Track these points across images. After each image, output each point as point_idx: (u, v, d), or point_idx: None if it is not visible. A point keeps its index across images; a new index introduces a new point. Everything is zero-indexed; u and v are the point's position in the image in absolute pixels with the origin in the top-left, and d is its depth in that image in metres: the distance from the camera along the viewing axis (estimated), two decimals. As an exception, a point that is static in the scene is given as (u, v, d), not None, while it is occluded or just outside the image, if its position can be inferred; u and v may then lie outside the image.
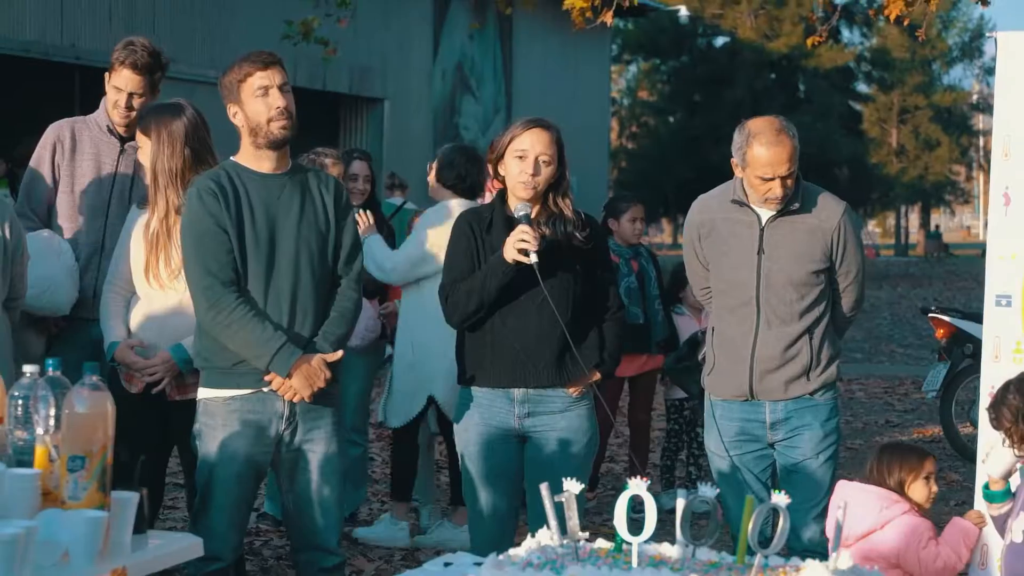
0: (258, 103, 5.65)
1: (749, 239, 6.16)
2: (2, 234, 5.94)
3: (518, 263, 5.74)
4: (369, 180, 9.18)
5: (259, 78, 5.66)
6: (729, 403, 6.29)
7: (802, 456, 6.21)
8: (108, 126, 6.91)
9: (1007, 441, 5.23)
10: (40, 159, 6.91)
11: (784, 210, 6.12)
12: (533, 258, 5.72)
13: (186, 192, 5.98)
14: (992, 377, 5.79)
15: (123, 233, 6.38)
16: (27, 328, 6.60)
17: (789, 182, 6.05)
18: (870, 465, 6.01)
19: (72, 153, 6.91)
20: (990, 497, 5.42)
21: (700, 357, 6.60)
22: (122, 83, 6.84)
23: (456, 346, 6.11)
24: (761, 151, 6.00)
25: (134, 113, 6.86)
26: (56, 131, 6.96)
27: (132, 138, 6.93)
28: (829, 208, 6.19)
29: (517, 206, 5.88)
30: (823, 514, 6.20)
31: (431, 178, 8.68)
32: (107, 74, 6.94)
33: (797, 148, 6.06)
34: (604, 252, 6.25)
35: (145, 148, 6.23)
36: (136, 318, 6.20)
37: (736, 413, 6.27)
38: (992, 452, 5.40)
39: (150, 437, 6.18)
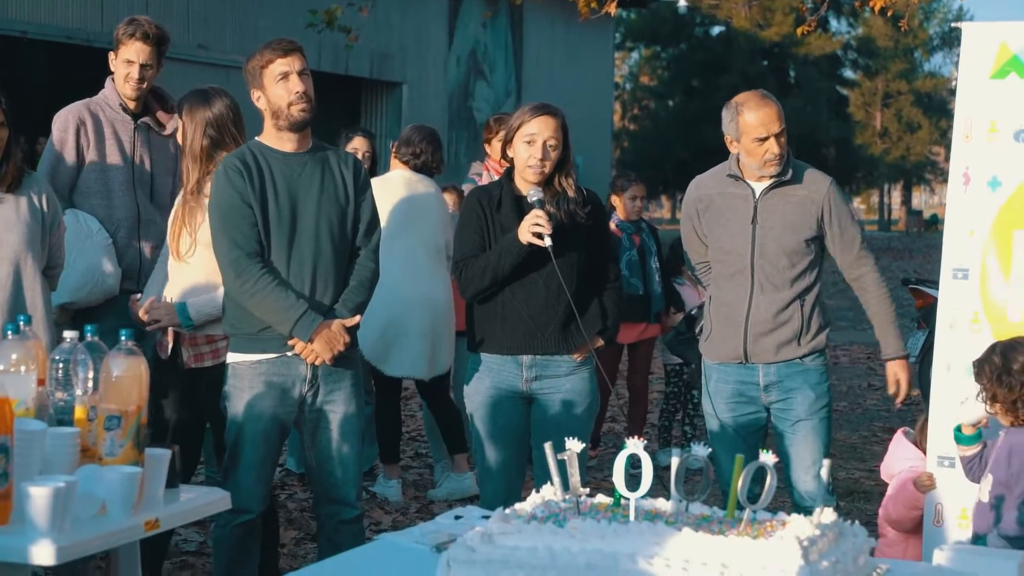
0: (279, 88, 5.65)
1: (744, 210, 6.15)
2: (40, 206, 5.94)
3: (531, 245, 5.75)
4: (370, 156, 9.09)
5: (280, 64, 5.65)
6: (725, 366, 6.27)
7: (796, 418, 6.19)
8: (121, 104, 6.90)
9: (981, 395, 5.23)
10: (63, 142, 6.85)
11: (776, 183, 6.12)
12: (548, 242, 5.71)
13: (207, 174, 6.02)
14: (946, 345, 5.80)
15: None
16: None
17: (783, 140, 6.05)
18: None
19: (97, 134, 6.89)
20: (959, 439, 5.42)
21: (697, 330, 6.59)
22: (133, 55, 6.83)
23: (466, 316, 6.11)
24: (751, 115, 6.03)
25: (145, 85, 6.87)
26: (76, 114, 6.91)
27: (144, 113, 6.93)
28: (817, 181, 6.19)
29: (530, 191, 5.87)
30: (820, 471, 6.22)
31: (393, 153, 8.82)
32: (112, 53, 6.91)
33: (782, 112, 6.08)
34: (604, 227, 6.25)
35: (180, 129, 6.25)
36: (169, 281, 6.23)
37: (732, 376, 6.25)
38: (967, 400, 5.40)
39: (181, 400, 6.21)
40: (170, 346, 6.16)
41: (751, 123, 6.02)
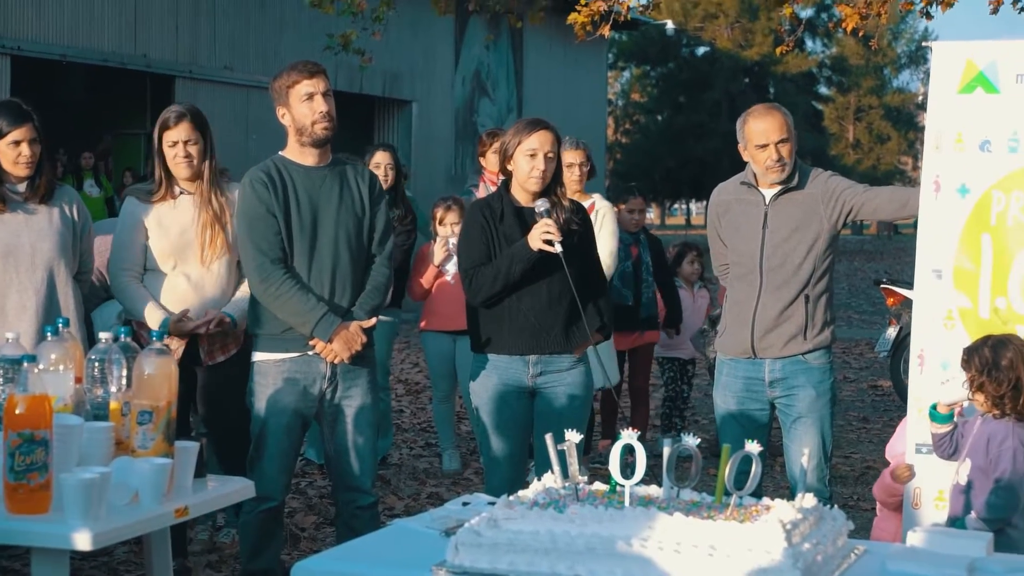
0: (304, 107, 5.62)
1: (756, 216, 6.12)
2: (71, 215, 5.96)
3: (541, 251, 5.72)
4: (392, 168, 9.00)
5: (306, 85, 5.63)
6: (735, 361, 6.22)
7: (797, 414, 6.13)
8: None
9: (966, 384, 5.18)
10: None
11: (785, 188, 6.08)
12: (558, 248, 5.70)
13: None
14: (921, 341, 5.76)
15: (125, 222, 6.24)
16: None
17: (784, 150, 6.01)
18: None
19: None
20: (934, 417, 5.36)
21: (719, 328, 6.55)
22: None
23: (469, 319, 6.07)
24: (755, 123, 6.03)
25: None
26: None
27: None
28: (818, 177, 6.15)
29: (537, 202, 5.85)
30: (822, 464, 6.16)
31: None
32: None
33: (790, 123, 6.06)
34: (592, 232, 6.20)
35: (199, 144, 6.17)
36: (175, 293, 6.16)
37: (741, 371, 6.20)
38: (950, 382, 5.34)
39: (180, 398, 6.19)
40: (180, 350, 6.11)
41: (754, 131, 6.03)
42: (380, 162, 8.88)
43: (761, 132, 6.01)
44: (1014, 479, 5.03)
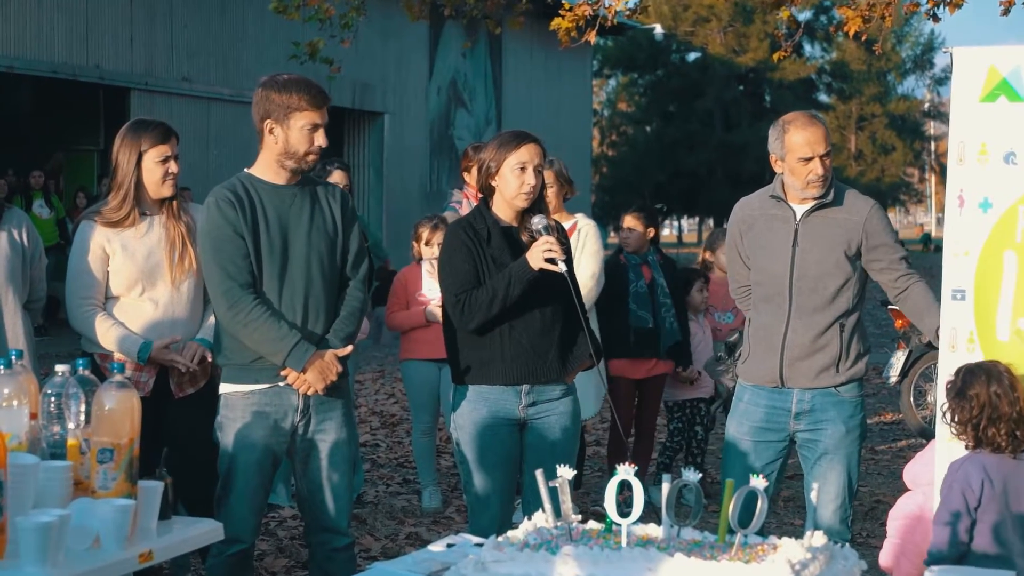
0: (303, 135, 5.60)
1: (785, 233, 6.08)
2: (20, 241, 5.93)
3: (542, 270, 5.72)
4: (348, 189, 8.97)
5: (313, 116, 5.60)
6: (759, 389, 6.16)
7: (823, 450, 6.09)
8: None
9: (945, 411, 5.26)
10: None
11: (818, 205, 6.04)
12: (562, 267, 5.69)
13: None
14: (949, 366, 5.75)
15: (82, 247, 6.10)
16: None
17: (827, 162, 5.97)
18: None
19: None
20: None
21: (736, 355, 6.50)
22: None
23: (449, 348, 6.04)
24: (798, 134, 5.97)
25: None
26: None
27: None
28: (859, 203, 6.11)
29: (534, 219, 5.86)
30: (845, 504, 6.10)
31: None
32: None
33: (829, 134, 6.03)
34: (571, 254, 6.17)
35: (178, 160, 6.21)
36: (142, 320, 6.13)
37: (764, 400, 6.15)
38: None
39: (147, 434, 6.16)
40: (151, 383, 6.09)
41: (797, 143, 5.97)
42: (338, 182, 8.82)
43: (806, 144, 5.95)
44: (946, 515, 5.06)
